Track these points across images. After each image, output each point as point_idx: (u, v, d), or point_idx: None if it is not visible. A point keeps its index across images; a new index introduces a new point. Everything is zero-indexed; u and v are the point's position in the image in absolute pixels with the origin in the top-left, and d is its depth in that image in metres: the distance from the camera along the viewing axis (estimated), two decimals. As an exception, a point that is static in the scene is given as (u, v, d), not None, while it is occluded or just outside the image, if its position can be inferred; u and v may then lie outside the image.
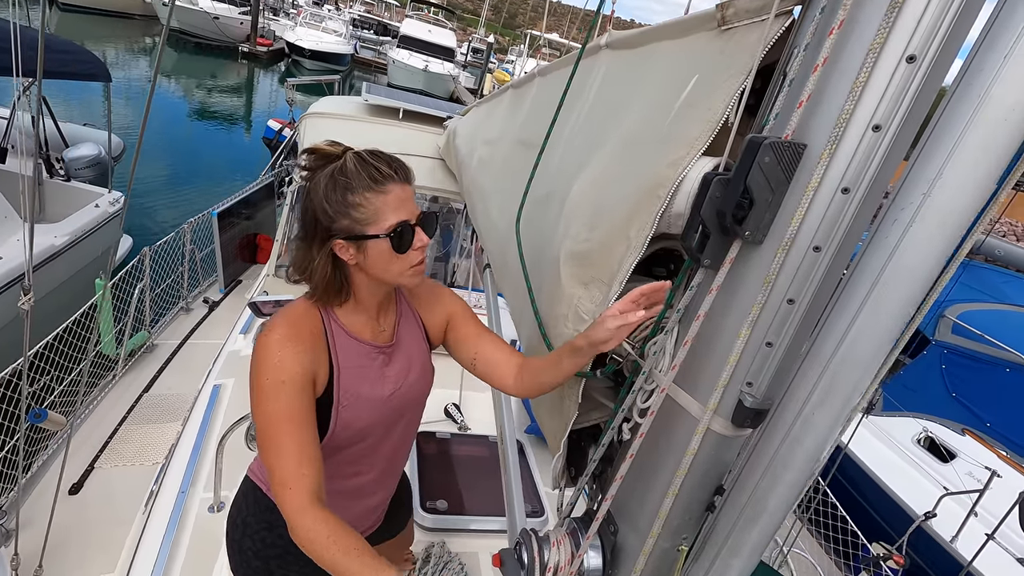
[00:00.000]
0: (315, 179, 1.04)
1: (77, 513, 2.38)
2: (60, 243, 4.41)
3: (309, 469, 0.97)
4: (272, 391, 0.98)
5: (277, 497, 0.96)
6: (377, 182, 1.02)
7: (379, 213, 1.02)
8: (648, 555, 0.93)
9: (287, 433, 0.97)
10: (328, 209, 1.02)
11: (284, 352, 1.01)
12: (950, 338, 4.79)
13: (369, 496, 1.33)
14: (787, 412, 0.71)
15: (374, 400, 1.16)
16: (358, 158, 1.03)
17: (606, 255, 0.97)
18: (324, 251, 1.05)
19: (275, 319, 1.07)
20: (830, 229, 0.66)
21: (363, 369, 1.14)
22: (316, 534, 0.91)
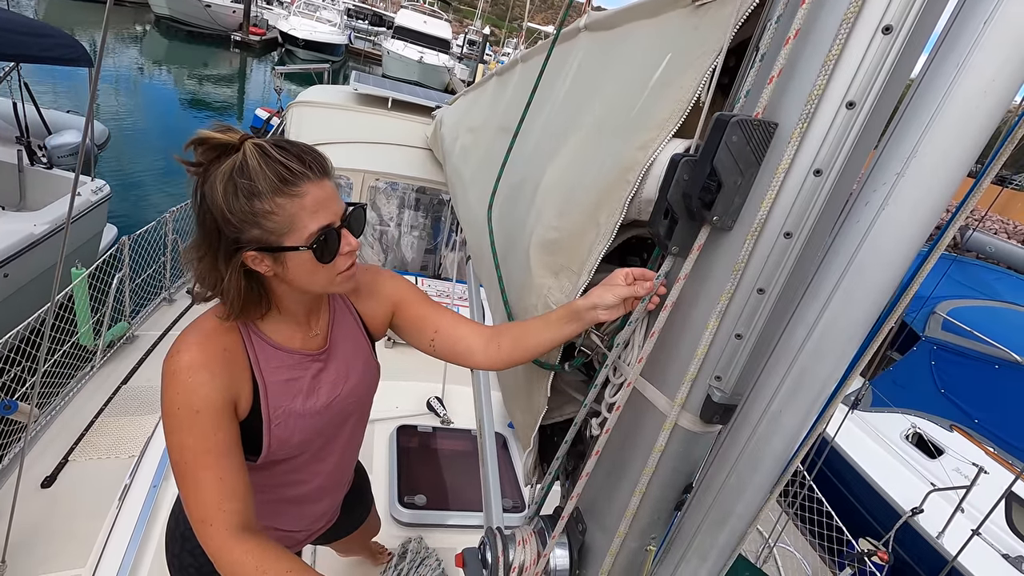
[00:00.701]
0: (209, 177, 0.85)
1: (49, 507, 2.33)
2: (40, 231, 4.33)
3: (231, 503, 0.87)
4: (185, 422, 0.87)
5: (198, 534, 0.87)
6: (288, 183, 0.84)
7: (295, 220, 0.86)
8: (616, 555, 0.89)
9: (205, 467, 0.87)
10: (231, 218, 0.84)
11: (196, 378, 0.88)
12: (940, 334, 4.78)
13: (315, 502, 1.26)
14: (754, 408, 0.67)
15: (309, 413, 1.05)
16: (260, 152, 0.84)
17: (576, 243, 0.92)
18: (234, 265, 0.88)
19: (184, 338, 0.92)
20: (802, 214, 0.62)
21: (293, 382, 1.02)
22: (243, 568, 0.84)
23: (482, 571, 0.97)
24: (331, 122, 4.37)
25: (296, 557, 0.89)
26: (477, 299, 2.31)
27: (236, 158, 0.84)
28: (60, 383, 3.14)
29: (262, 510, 1.15)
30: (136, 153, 9.85)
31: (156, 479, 2.21)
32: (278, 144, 0.87)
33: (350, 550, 2.10)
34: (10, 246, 4.13)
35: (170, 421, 0.88)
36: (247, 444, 0.97)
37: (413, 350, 1.24)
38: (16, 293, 4.26)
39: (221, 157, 0.85)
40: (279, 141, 0.88)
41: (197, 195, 0.88)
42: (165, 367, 0.89)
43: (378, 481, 2.51)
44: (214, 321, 0.94)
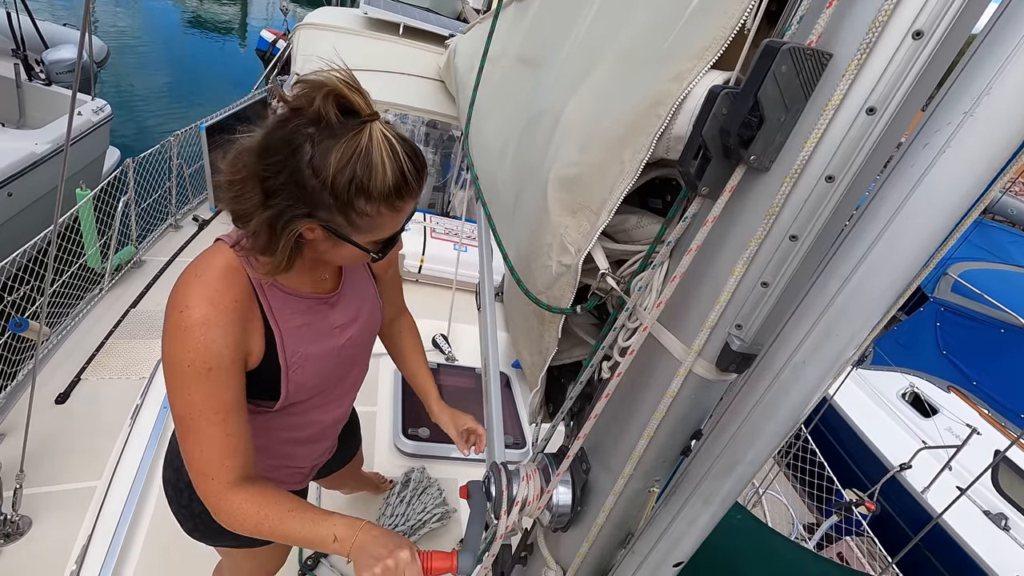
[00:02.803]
0: (321, 135, 0.78)
1: (63, 422, 2.40)
2: (42, 151, 4.26)
3: (234, 459, 0.87)
4: (195, 379, 0.84)
5: (197, 486, 0.87)
6: (401, 197, 0.83)
7: (378, 227, 0.86)
8: (619, 495, 0.90)
9: (211, 423, 0.85)
10: (326, 196, 0.80)
11: (208, 335, 0.83)
12: (949, 296, 4.75)
13: (321, 440, 1.29)
14: (776, 359, 0.65)
15: (325, 355, 1.05)
16: (388, 146, 0.79)
17: (597, 180, 0.88)
18: (291, 230, 0.83)
19: (190, 292, 0.86)
20: (848, 156, 0.57)
21: (307, 327, 1.01)
22: (244, 515, 0.85)
23: (486, 503, 0.99)
24: (340, 47, 4.18)
25: (295, 496, 0.90)
26: (486, 239, 2.28)
27: (361, 141, 0.79)
28: (70, 304, 3.17)
29: (275, 451, 1.18)
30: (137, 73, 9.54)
31: (166, 401, 2.26)
32: (403, 140, 0.83)
33: (353, 487, 2.17)
34: (12, 164, 4.08)
35: (176, 377, 0.84)
36: (265, 391, 0.97)
37: (420, 287, 1.25)
38: (21, 213, 4.24)
39: (343, 118, 0.79)
40: (405, 137, 0.85)
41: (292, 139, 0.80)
42: (172, 320, 0.85)
43: (383, 414, 2.57)
44: (219, 264, 0.88)
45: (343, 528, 0.84)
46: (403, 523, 2.04)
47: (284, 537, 0.85)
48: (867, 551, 3.06)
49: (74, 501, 2.05)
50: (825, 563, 1.54)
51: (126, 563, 1.79)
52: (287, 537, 0.85)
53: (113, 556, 1.77)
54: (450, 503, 2.20)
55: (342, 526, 0.84)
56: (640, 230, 0.93)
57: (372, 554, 0.81)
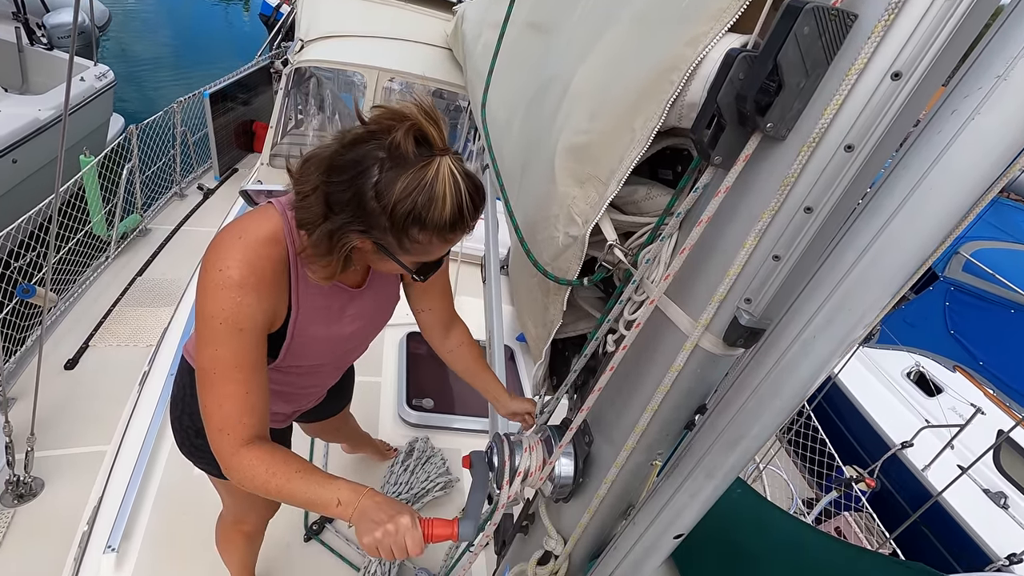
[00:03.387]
0: (393, 162, 0.81)
1: (72, 388, 2.44)
2: (45, 117, 4.22)
3: (251, 418, 0.89)
4: (225, 337, 0.86)
5: (211, 439, 0.89)
6: (454, 230, 0.86)
7: (426, 254, 0.90)
8: (621, 467, 0.91)
9: (235, 381, 0.87)
10: (383, 218, 0.82)
11: (246, 298, 0.86)
12: (960, 275, 4.69)
13: (304, 399, 1.33)
14: (785, 334, 0.63)
15: (330, 339, 1.08)
16: (454, 183, 0.81)
17: (606, 149, 0.86)
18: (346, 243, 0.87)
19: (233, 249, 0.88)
20: (870, 123, 0.55)
21: (324, 309, 1.04)
22: (254, 472, 0.86)
23: (488, 473, 0.99)
24: (345, 12, 4.09)
25: (304, 459, 0.91)
26: (493, 211, 2.26)
27: (428, 174, 0.81)
28: (76, 271, 3.18)
29: None
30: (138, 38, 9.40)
31: (173, 368, 2.28)
32: (470, 178, 0.86)
33: (354, 446, 2.20)
34: (16, 131, 4.05)
35: (208, 332, 0.86)
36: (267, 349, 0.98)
37: None
38: (27, 180, 4.23)
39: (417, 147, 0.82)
40: (471, 175, 0.87)
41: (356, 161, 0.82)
42: (210, 276, 0.86)
43: (387, 384, 2.59)
44: (263, 229, 0.91)
45: (347, 493, 0.85)
46: (407, 491, 2.08)
47: (290, 497, 0.86)
48: (865, 526, 3.09)
49: (85, 464, 2.09)
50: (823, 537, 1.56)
51: (136, 524, 1.83)
52: (292, 497, 0.86)
53: (124, 517, 1.80)
54: (453, 472, 2.23)
55: (346, 491, 0.86)
56: (649, 201, 0.91)
57: (373, 519, 0.82)
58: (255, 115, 5.09)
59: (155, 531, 1.83)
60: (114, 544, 1.73)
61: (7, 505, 1.94)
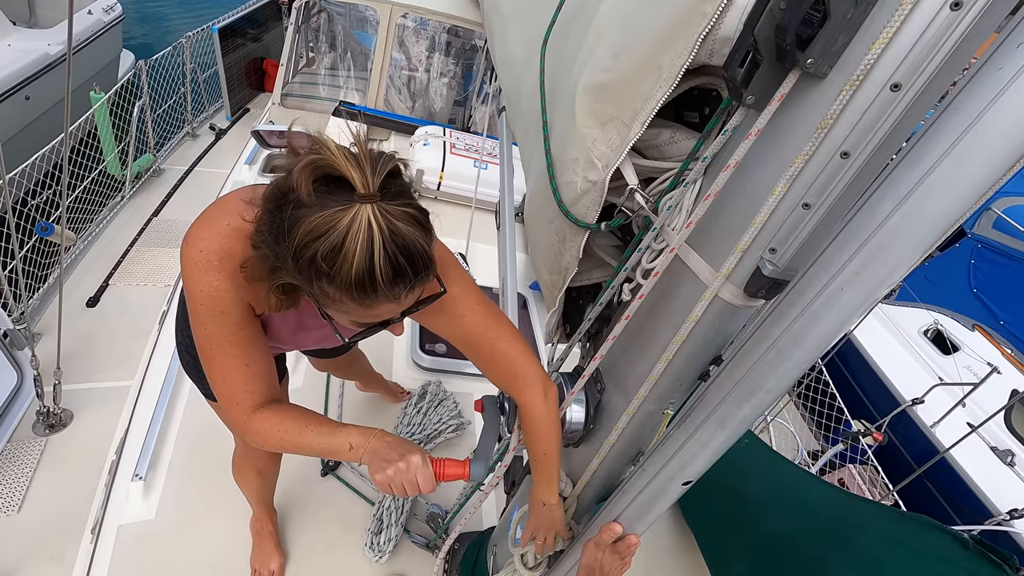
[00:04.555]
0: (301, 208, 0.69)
1: (95, 324, 2.50)
2: (55, 52, 4.15)
3: (256, 386, 0.89)
4: (210, 317, 0.85)
5: (223, 411, 0.90)
6: (369, 296, 0.71)
7: (350, 313, 0.78)
8: (632, 415, 0.91)
9: (231, 355, 0.88)
10: (292, 267, 0.72)
11: (220, 284, 0.84)
12: (989, 232, 4.55)
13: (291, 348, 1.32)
14: (811, 286, 0.61)
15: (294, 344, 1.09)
16: (368, 244, 0.67)
17: (631, 87, 0.81)
18: (275, 279, 0.79)
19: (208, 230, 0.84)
20: (921, 60, 0.50)
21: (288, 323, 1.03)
22: (267, 434, 0.88)
23: (500, 417, 1.00)
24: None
25: (313, 412, 0.93)
26: (509, 156, 2.20)
27: (339, 224, 0.67)
28: (93, 210, 3.20)
29: None
30: (148, -30, 9.07)
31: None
32: (394, 235, 0.69)
33: (367, 385, 2.25)
34: (27, 66, 3.99)
35: (194, 311, 0.86)
36: None
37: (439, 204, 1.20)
38: (41, 117, 4.20)
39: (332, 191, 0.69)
40: (397, 232, 0.69)
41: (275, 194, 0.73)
42: (189, 256, 0.83)
43: (401, 328, 2.62)
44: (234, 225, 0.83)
45: (357, 437, 0.88)
46: (419, 432, 2.13)
47: (304, 448, 0.89)
48: (868, 479, 3.14)
49: (111, 398, 2.17)
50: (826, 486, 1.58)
51: (161, 454, 1.91)
52: (306, 448, 0.89)
53: (149, 448, 1.88)
54: (464, 416, 2.28)
55: (356, 435, 0.88)
56: (673, 146, 0.87)
57: (384, 458, 0.85)
58: (265, 52, 4.95)
59: (179, 461, 1.91)
60: (141, 472, 1.81)
61: (39, 434, 2.03)
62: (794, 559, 1.36)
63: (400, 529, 1.83)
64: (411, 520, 1.91)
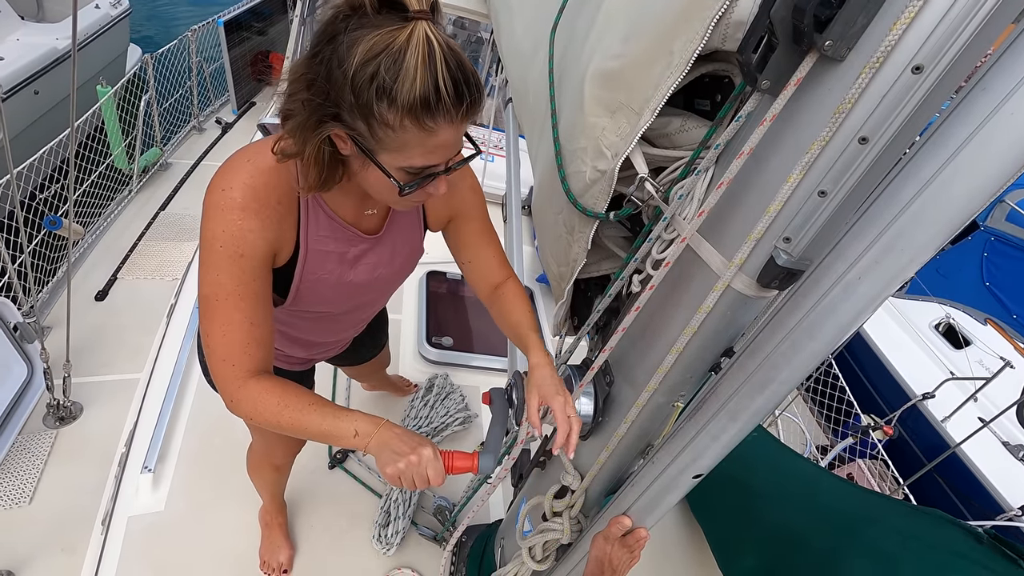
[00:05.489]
0: (357, 28, 0.70)
1: (105, 318, 2.51)
2: (63, 46, 4.15)
3: (256, 350, 0.84)
4: (226, 261, 0.81)
5: (215, 372, 0.84)
6: (428, 113, 0.70)
7: (406, 148, 0.74)
8: (642, 408, 0.90)
9: (238, 309, 0.82)
10: (347, 94, 0.71)
11: (247, 222, 0.81)
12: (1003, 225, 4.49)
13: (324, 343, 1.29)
14: (827, 276, 0.60)
15: (339, 287, 1.01)
16: (428, 52, 0.68)
17: (641, 75, 0.79)
18: (319, 133, 0.76)
19: (236, 173, 0.82)
20: (945, 40, 0.49)
21: (333, 255, 0.96)
22: (264, 404, 0.83)
23: (507, 410, 0.99)
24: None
25: (316, 394, 0.89)
26: (515, 149, 2.18)
27: (398, 38, 0.68)
28: (101, 204, 3.21)
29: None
30: (154, -36, 9.07)
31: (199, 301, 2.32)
32: (452, 51, 0.70)
33: (374, 384, 2.25)
34: (35, 60, 4.00)
35: (209, 256, 0.82)
36: (276, 286, 0.94)
37: None
38: (51, 112, 4.22)
39: (387, 11, 0.70)
40: (454, 48, 0.71)
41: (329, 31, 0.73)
42: (212, 199, 0.82)
43: (408, 321, 2.62)
44: (272, 161, 0.83)
45: (364, 424, 0.84)
46: (427, 425, 2.13)
47: (304, 430, 0.84)
48: (878, 473, 3.12)
49: (120, 390, 2.18)
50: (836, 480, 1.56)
51: (170, 447, 1.92)
52: (307, 430, 0.84)
53: (158, 441, 1.89)
54: (471, 408, 2.28)
55: (363, 422, 0.85)
56: (684, 134, 0.86)
57: (395, 450, 0.82)
58: (271, 45, 4.94)
59: (188, 453, 1.92)
60: (150, 465, 1.82)
61: (49, 427, 2.05)
62: (804, 552, 1.35)
63: (408, 521, 1.83)
64: (418, 513, 1.91)
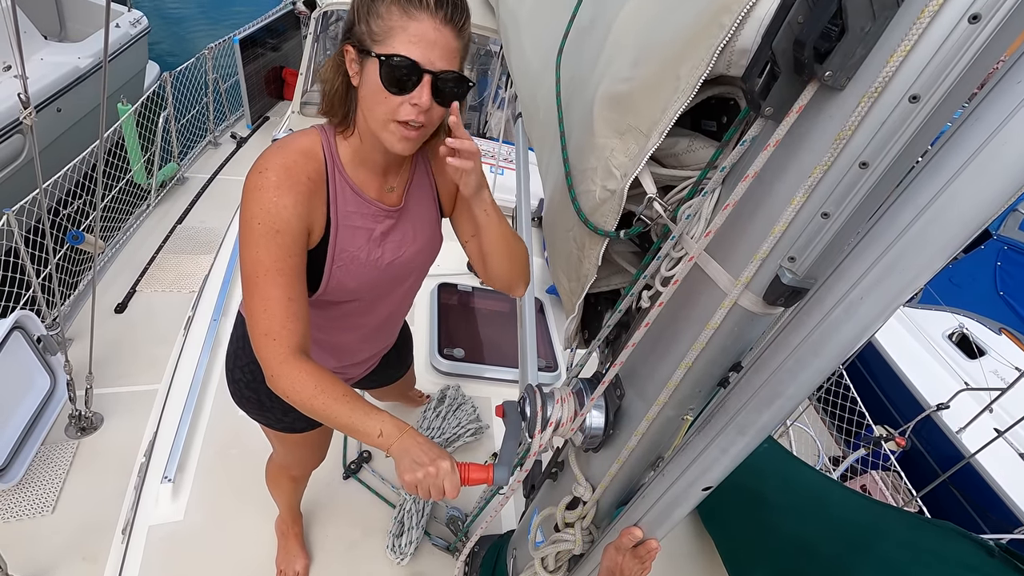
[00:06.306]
0: None
1: (124, 330, 2.57)
2: (85, 65, 4.27)
3: (295, 324, 0.90)
4: (264, 238, 0.89)
5: (258, 346, 0.90)
6: (414, 3, 0.86)
7: (390, 34, 0.86)
8: (652, 421, 0.92)
9: (276, 285, 0.89)
10: (355, 7, 0.90)
11: (281, 199, 0.90)
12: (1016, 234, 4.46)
13: (355, 352, 1.32)
14: (830, 294, 0.62)
15: (370, 265, 1.07)
16: None
17: (649, 98, 0.82)
18: (337, 54, 0.95)
19: (271, 157, 0.93)
20: (940, 71, 0.51)
21: (362, 231, 1.04)
22: (302, 384, 0.87)
23: (521, 423, 1.02)
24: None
25: (351, 388, 0.92)
26: (525, 161, 2.22)
27: None
28: (120, 219, 3.29)
29: None
30: (170, -18, 9.30)
31: (216, 314, 2.37)
32: None
33: (386, 396, 2.28)
34: (59, 79, 4.12)
35: (248, 235, 0.90)
36: (309, 275, 1.00)
37: None
38: (72, 128, 4.33)
39: None
40: None
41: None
42: (250, 180, 0.91)
43: (419, 332, 2.65)
44: (305, 144, 0.96)
45: (390, 426, 0.88)
46: (439, 436, 2.16)
47: (332, 418, 0.88)
48: (892, 484, 3.09)
49: (139, 401, 2.23)
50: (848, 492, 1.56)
51: (189, 457, 1.96)
52: (335, 419, 0.88)
53: (177, 451, 1.93)
54: (483, 420, 2.30)
55: (389, 424, 0.88)
56: (691, 154, 0.88)
57: (416, 459, 0.85)
58: (284, 61, 5.04)
59: (206, 463, 1.96)
60: (170, 475, 1.86)
61: (71, 437, 2.10)
62: (815, 564, 1.36)
63: (421, 532, 1.85)
64: (431, 523, 1.93)
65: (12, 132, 3.72)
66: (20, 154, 3.82)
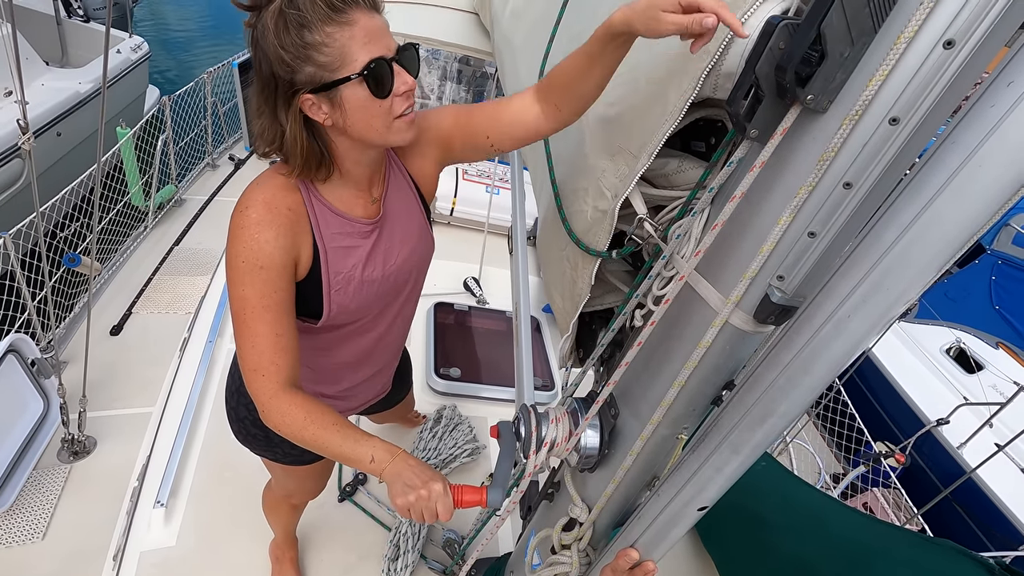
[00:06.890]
0: (262, 18, 0.83)
1: (119, 352, 2.56)
2: (85, 90, 4.32)
3: (283, 359, 0.91)
4: (248, 276, 0.90)
5: (248, 382, 0.92)
6: (336, 10, 0.80)
7: (346, 51, 0.82)
8: (646, 440, 0.91)
9: (263, 321, 0.90)
10: (284, 55, 0.81)
11: (262, 235, 0.90)
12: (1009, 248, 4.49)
13: (368, 370, 1.31)
14: (819, 312, 0.63)
15: (367, 281, 1.07)
16: None
17: (638, 121, 0.84)
18: (292, 113, 0.86)
19: (251, 195, 0.93)
20: (918, 95, 0.52)
21: (352, 250, 1.03)
22: (292, 417, 0.89)
23: (515, 443, 1.01)
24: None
25: (341, 416, 0.93)
26: (520, 182, 2.24)
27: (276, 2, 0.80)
28: (117, 240, 3.30)
29: (319, 376, 1.22)
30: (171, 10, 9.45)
31: (211, 335, 2.36)
32: None
33: (384, 419, 2.27)
34: (59, 104, 4.16)
35: (234, 273, 0.91)
36: (308, 307, 1.01)
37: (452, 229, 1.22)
38: (71, 152, 4.36)
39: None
40: None
41: (252, 41, 0.85)
42: (233, 220, 0.91)
43: (415, 352, 2.64)
44: (279, 178, 0.94)
45: (381, 451, 0.89)
46: (435, 456, 2.14)
47: (324, 447, 0.89)
48: (893, 502, 3.06)
49: (133, 425, 2.21)
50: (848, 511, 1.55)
51: (182, 481, 1.94)
52: (327, 448, 0.89)
53: (171, 475, 1.91)
54: (480, 440, 2.29)
55: (380, 449, 0.89)
56: (681, 175, 0.90)
57: (408, 483, 0.85)
58: (283, 84, 5.10)
59: (199, 488, 1.94)
60: (163, 500, 1.83)
61: (64, 461, 2.07)
62: (817, 586, 1.34)
63: (417, 555, 1.82)
64: (427, 546, 1.91)
65: (12, 156, 3.76)
66: (19, 178, 3.84)
